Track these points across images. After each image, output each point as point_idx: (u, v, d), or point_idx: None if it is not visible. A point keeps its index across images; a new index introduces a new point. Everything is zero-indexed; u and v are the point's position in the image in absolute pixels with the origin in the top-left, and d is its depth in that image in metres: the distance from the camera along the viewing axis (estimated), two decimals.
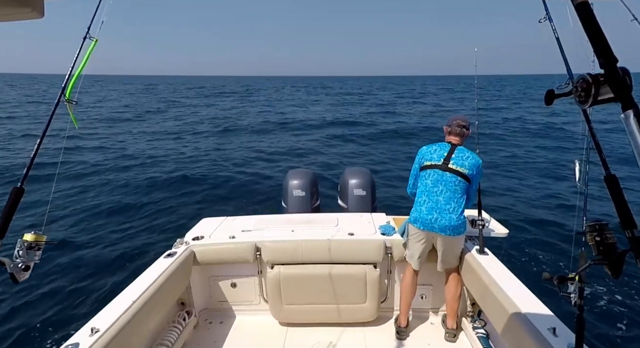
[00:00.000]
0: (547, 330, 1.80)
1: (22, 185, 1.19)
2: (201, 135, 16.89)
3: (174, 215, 7.38)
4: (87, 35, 1.51)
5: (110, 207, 8.11)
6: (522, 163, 9.54)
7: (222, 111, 27.83)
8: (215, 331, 2.93)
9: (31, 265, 1.15)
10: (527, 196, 7.16)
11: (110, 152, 13.05)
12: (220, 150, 13.20)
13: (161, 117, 24.11)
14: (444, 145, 2.67)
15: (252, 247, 2.89)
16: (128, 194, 9.05)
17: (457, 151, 2.61)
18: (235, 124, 20.39)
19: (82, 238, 6.44)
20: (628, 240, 0.80)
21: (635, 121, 0.63)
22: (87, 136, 15.67)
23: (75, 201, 8.54)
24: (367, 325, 2.89)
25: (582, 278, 1.52)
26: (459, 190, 2.55)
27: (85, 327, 1.92)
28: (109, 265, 5.37)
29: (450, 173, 2.56)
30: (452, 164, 2.56)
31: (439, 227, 2.55)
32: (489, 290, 2.29)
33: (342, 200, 4.14)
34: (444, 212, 2.54)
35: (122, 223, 7.12)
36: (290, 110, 28.40)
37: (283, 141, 15.22)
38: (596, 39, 0.70)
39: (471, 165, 2.55)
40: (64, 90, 1.44)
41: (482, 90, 4.40)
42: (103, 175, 10.61)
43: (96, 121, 20.56)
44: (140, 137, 16.15)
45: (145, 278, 2.43)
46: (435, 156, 2.64)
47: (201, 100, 39.57)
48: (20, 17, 0.75)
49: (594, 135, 1.58)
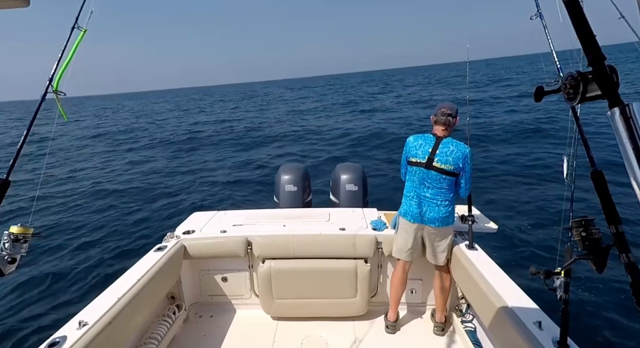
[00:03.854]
0: (532, 324, 1.83)
1: (8, 178, 1.17)
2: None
3: (165, 209, 7.33)
4: (75, 24, 1.48)
5: (101, 199, 8.03)
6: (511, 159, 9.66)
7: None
8: (206, 325, 2.93)
9: (18, 258, 1.13)
10: (515, 192, 7.25)
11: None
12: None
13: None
14: (429, 139, 2.61)
15: (243, 241, 2.88)
16: (119, 186, 8.97)
17: (441, 145, 2.56)
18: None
19: (70, 230, 6.37)
20: (612, 236, 0.81)
21: (621, 118, 0.64)
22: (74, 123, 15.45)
23: (65, 192, 8.44)
24: (357, 319, 2.91)
25: (568, 273, 1.55)
26: (445, 185, 2.57)
27: (72, 320, 1.90)
28: (98, 258, 5.33)
29: (435, 171, 2.55)
30: (437, 162, 2.54)
31: (428, 219, 2.60)
32: (477, 285, 2.32)
33: (334, 195, 4.14)
34: (432, 205, 2.59)
35: (112, 216, 7.06)
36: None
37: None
38: (584, 36, 0.71)
39: (456, 159, 2.52)
40: (52, 81, 1.41)
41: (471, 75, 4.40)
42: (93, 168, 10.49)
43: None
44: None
45: (134, 272, 2.42)
46: (419, 152, 2.60)
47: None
48: (5, 5, 0.73)
49: (582, 132, 1.60)
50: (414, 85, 46.27)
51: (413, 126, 15.54)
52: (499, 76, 43.82)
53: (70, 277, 4.88)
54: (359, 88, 52.35)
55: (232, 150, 13.80)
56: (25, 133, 1.27)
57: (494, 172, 8.54)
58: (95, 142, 18.35)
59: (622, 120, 0.64)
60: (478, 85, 33.29)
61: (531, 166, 8.81)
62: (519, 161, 9.34)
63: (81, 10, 1.49)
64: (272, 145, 14.11)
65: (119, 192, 8.63)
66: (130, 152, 14.79)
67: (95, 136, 20.73)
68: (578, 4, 0.73)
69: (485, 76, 45.95)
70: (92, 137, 20.52)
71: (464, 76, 3.18)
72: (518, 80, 35.24)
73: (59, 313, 4.04)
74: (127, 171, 11.05)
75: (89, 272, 4.99)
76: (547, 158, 9.23)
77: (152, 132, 20.57)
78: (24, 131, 1.27)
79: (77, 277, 4.89)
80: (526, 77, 37.90)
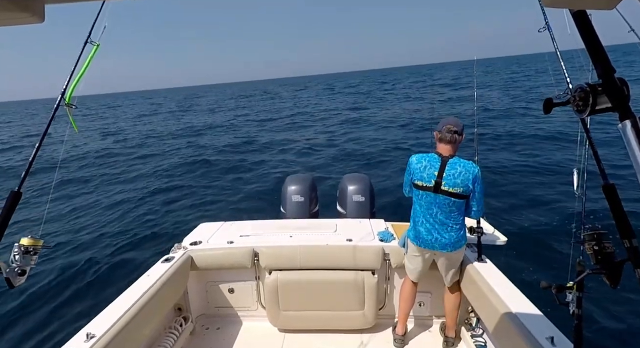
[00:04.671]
0: (545, 340, 1.79)
1: (20, 189, 1.19)
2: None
3: (172, 220, 7.36)
4: (88, 39, 1.52)
5: (109, 210, 8.09)
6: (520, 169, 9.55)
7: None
8: (212, 337, 2.91)
9: (27, 270, 1.14)
10: (526, 204, 7.15)
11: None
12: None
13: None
14: (434, 160, 2.46)
15: (250, 252, 2.87)
16: (129, 196, 9.03)
17: (448, 167, 2.41)
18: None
19: (79, 242, 6.41)
20: (626, 250, 0.80)
21: (633, 131, 0.64)
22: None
23: (75, 205, 8.52)
24: (365, 332, 2.87)
25: (581, 287, 1.52)
26: (455, 208, 2.46)
27: (80, 333, 1.90)
28: (106, 270, 5.34)
29: (444, 195, 2.43)
30: (444, 186, 2.41)
31: (439, 246, 2.52)
32: (487, 298, 2.28)
33: (341, 206, 4.13)
34: (443, 232, 2.49)
35: (120, 228, 7.10)
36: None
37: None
38: (594, 49, 0.71)
39: (465, 180, 2.39)
40: (64, 94, 1.44)
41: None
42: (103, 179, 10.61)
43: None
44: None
45: (141, 284, 2.42)
46: (425, 176, 2.45)
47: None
48: (20, 21, 0.75)
49: (592, 144, 1.58)
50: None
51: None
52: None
53: (79, 289, 4.89)
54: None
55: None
56: (37, 145, 1.29)
57: (502, 182, 8.46)
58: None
59: (633, 132, 0.63)
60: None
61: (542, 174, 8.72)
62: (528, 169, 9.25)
63: (94, 25, 1.52)
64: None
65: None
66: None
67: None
68: (586, 16, 0.73)
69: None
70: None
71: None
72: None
73: (66, 325, 4.04)
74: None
75: (98, 282, 5.01)
76: (559, 163, 9.13)
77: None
78: (36, 143, 1.29)
79: (83, 284, 4.92)
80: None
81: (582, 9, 0.73)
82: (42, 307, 4.44)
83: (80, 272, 5.29)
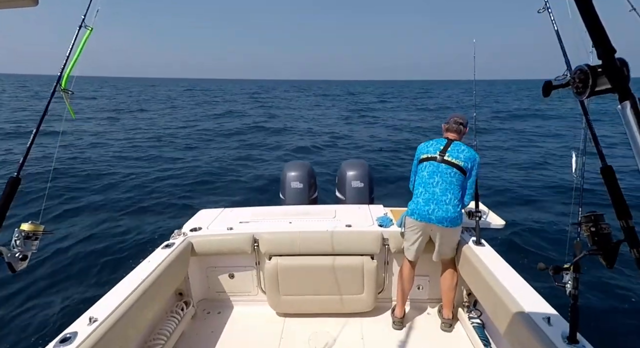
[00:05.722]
0: (541, 320, 1.82)
1: (19, 175, 1.19)
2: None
3: (172, 207, 7.39)
4: (82, 23, 1.49)
5: (112, 197, 8.10)
6: (518, 152, 9.57)
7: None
8: (213, 321, 2.95)
9: (28, 255, 1.15)
10: (523, 187, 7.19)
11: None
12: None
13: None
14: (440, 140, 2.74)
15: (250, 238, 2.89)
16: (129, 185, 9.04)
17: (453, 145, 2.67)
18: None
19: (80, 227, 6.44)
20: (622, 230, 0.80)
21: (632, 112, 0.63)
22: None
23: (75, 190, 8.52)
24: (364, 315, 2.92)
25: (577, 268, 1.54)
26: (455, 181, 2.58)
27: (83, 316, 1.92)
28: (108, 255, 5.37)
29: (446, 164, 2.61)
30: (448, 156, 2.62)
31: (436, 219, 2.56)
32: (485, 281, 2.31)
33: (340, 192, 4.14)
34: (441, 203, 2.56)
35: (120, 213, 7.12)
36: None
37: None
38: (594, 29, 0.70)
39: (467, 157, 2.61)
40: (60, 80, 1.42)
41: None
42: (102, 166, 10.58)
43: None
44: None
45: (143, 269, 2.44)
46: (431, 149, 2.71)
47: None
48: (14, 4, 0.74)
49: (591, 127, 1.58)
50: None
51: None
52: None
53: (80, 271, 4.94)
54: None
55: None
56: (34, 131, 1.28)
57: (500, 167, 8.49)
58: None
59: (632, 113, 0.63)
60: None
61: (539, 162, 8.75)
62: (524, 156, 9.28)
63: (88, 9, 1.49)
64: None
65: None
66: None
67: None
68: None
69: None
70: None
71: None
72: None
73: (68, 309, 4.09)
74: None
75: (100, 267, 5.05)
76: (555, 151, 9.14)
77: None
78: (33, 129, 1.28)
79: (87, 270, 4.96)
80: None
81: None
82: (43, 291, 4.49)
83: (81, 256, 5.34)
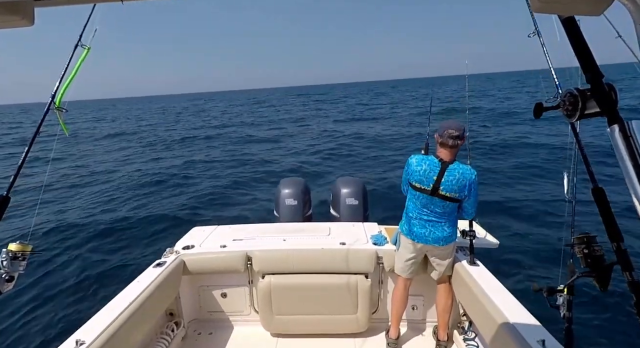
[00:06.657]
0: (536, 343, 1.80)
1: (8, 194, 1.17)
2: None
3: (163, 224, 7.30)
4: (79, 43, 1.50)
5: (100, 215, 8.01)
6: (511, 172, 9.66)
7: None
8: (205, 342, 2.88)
9: (15, 276, 1.12)
10: (517, 207, 7.22)
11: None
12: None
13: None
14: (434, 165, 2.50)
15: (243, 256, 2.86)
16: (119, 202, 8.95)
17: (447, 173, 2.46)
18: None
19: (68, 247, 6.33)
20: (615, 253, 0.81)
21: (620, 135, 0.65)
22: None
23: (65, 209, 8.42)
24: (358, 336, 2.86)
25: (571, 290, 1.53)
26: (448, 210, 2.57)
27: (70, 339, 1.87)
28: (96, 275, 5.27)
29: (439, 198, 2.51)
30: (442, 190, 2.48)
31: (432, 240, 2.58)
32: (479, 301, 2.29)
33: (334, 209, 4.13)
34: (436, 227, 2.58)
35: (111, 231, 7.02)
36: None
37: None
38: (582, 55, 0.72)
39: (461, 187, 2.47)
40: (54, 98, 1.43)
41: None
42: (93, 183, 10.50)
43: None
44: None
45: (133, 289, 2.39)
46: (424, 179, 2.50)
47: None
48: (9, 24, 0.74)
49: (581, 148, 1.61)
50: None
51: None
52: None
53: (67, 291, 4.83)
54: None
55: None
56: (26, 149, 1.27)
57: (494, 184, 8.55)
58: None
59: (621, 137, 0.64)
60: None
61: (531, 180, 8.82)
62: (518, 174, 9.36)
63: (85, 29, 1.51)
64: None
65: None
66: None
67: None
68: (575, 22, 0.75)
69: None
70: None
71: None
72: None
73: (55, 331, 3.98)
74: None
75: (88, 287, 4.94)
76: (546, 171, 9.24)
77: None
78: (25, 148, 1.27)
79: (75, 290, 4.85)
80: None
81: (571, 15, 0.74)
82: (27, 314, 4.37)
83: (69, 276, 5.22)
